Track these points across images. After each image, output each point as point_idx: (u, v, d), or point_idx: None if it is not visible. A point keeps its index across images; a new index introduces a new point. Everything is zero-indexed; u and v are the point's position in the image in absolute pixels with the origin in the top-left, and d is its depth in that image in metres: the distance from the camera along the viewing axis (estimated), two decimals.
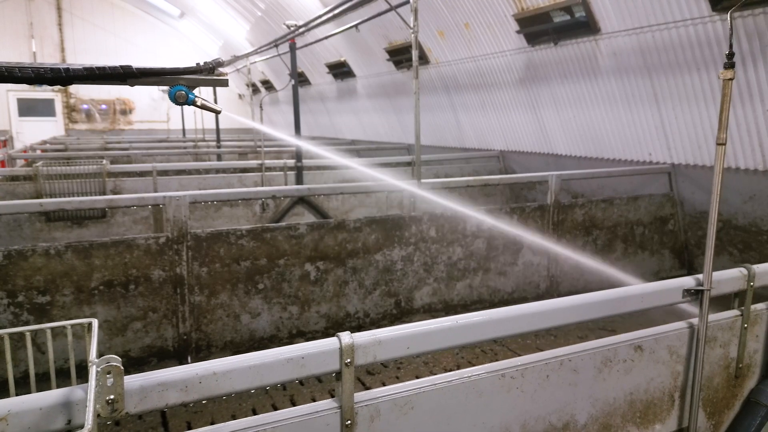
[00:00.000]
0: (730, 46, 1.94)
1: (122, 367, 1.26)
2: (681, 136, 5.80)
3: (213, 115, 13.49)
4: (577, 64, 6.57)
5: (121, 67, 1.37)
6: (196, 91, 1.50)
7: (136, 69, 1.33)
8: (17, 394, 2.11)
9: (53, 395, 1.25)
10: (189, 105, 1.37)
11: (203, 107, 1.43)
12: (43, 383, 2.12)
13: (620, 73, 6.11)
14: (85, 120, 21.54)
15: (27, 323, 3.84)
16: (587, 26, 6.10)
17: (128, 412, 1.29)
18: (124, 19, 21.53)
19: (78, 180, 6.80)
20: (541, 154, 7.91)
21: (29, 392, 1.59)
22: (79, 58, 20.48)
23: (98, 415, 1.24)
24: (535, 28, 6.76)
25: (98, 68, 1.41)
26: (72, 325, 1.72)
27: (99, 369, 1.23)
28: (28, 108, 20.38)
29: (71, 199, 4.79)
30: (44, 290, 3.85)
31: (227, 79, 1.44)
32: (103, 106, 21.71)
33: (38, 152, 10.97)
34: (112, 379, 1.25)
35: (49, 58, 20.26)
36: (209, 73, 1.40)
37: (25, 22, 20.08)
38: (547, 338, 4.51)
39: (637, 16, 5.57)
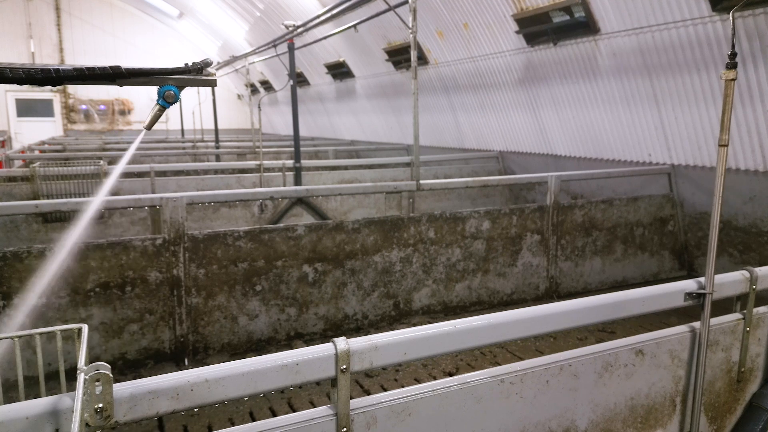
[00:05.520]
0: (732, 46, 1.91)
1: (111, 375, 1.23)
2: (681, 136, 5.78)
3: (212, 116, 13.48)
4: (577, 65, 6.55)
5: (110, 67, 1.35)
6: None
7: (125, 69, 1.32)
8: (10, 399, 2.08)
9: (40, 404, 1.22)
10: (167, 107, 1.36)
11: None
12: (38, 387, 2.09)
13: (620, 73, 6.09)
14: (83, 120, 21.50)
15: (22, 326, 3.81)
16: (587, 26, 6.07)
17: (118, 421, 1.26)
18: (123, 20, 21.50)
19: (75, 181, 6.76)
20: (540, 154, 7.88)
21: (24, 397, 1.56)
22: (78, 58, 20.45)
23: (87, 425, 1.21)
24: (535, 29, 6.73)
25: (88, 68, 1.39)
26: (62, 331, 1.69)
27: (87, 377, 1.20)
28: (26, 108, 20.33)
29: (67, 200, 4.76)
30: (40, 292, 3.81)
31: (215, 79, 1.42)
32: (102, 107, 21.67)
33: (36, 153, 10.94)
34: (100, 387, 1.22)
35: (47, 58, 20.23)
36: (198, 74, 1.38)
37: (24, 22, 20.04)
38: (547, 340, 4.48)
39: (636, 16, 5.55)
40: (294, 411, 3.28)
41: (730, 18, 1.94)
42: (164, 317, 4.18)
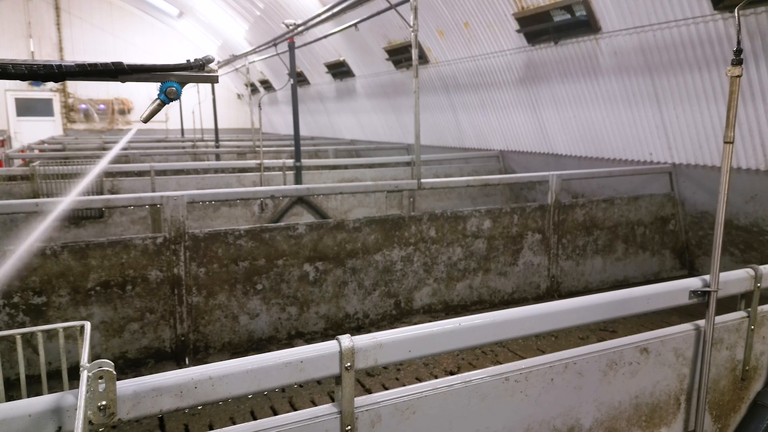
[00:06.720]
0: (738, 42, 1.90)
1: (114, 372, 1.21)
2: (682, 135, 5.77)
3: (212, 115, 13.47)
4: (578, 64, 6.53)
5: (113, 63, 1.34)
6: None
7: (127, 65, 1.31)
8: (11, 397, 2.07)
9: (43, 401, 1.21)
10: (168, 102, 1.34)
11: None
12: (40, 385, 2.08)
13: (621, 72, 6.07)
14: (83, 120, 21.48)
15: (23, 324, 3.80)
16: (588, 25, 6.06)
17: (121, 418, 1.24)
18: (123, 19, 21.48)
19: (75, 180, 6.75)
20: (541, 153, 7.87)
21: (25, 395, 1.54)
22: (78, 58, 20.41)
23: (90, 422, 1.20)
24: (536, 27, 6.72)
25: (90, 65, 1.39)
26: (64, 328, 1.68)
27: (90, 374, 1.19)
28: (26, 108, 20.30)
29: (67, 198, 4.74)
30: (40, 291, 3.80)
31: (217, 76, 1.42)
32: (102, 106, 21.65)
33: (36, 152, 10.92)
34: (104, 385, 1.21)
35: (47, 57, 20.19)
36: (199, 70, 1.37)
37: (23, 21, 20.02)
38: (548, 339, 4.48)
39: (638, 14, 5.54)
40: (295, 410, 3.27)
41: (736, 14, 1.93)
42: (165, 316, 4.17)
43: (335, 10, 7.02)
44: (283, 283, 4.47)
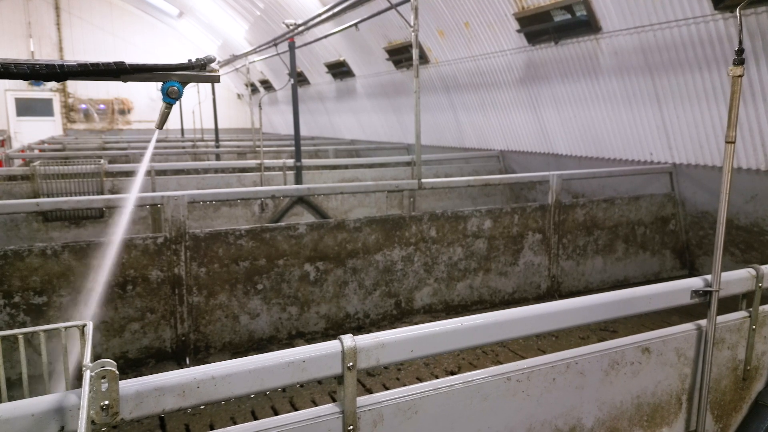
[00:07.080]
0: (740, 42, 1.90)
1: (117, 372, 1.21)
2: (682, 135, 5.77)
3: (212, 115, 13.47)
4: (578, 64, 6.54)
5: (115, 63, 1.34)
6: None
7: (129, 65, 1.31)
8: (12, 397, 2.07)
9: (46, 401, 1.21)
10: (173, 103, 1.34)
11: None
12: (41, 385, 2.08)
13: (621, 72, 6.08)
14: (83, 120, 21.48)
15: (23, 324, 3.80)
16: (588, 25, 6.06)
17: (123, 418, 1.24)
18: (123, 19, 21.48)
19: (75, 180, 6.75)
20: (541, 153, 7.87)
21: (23, 396, 1.54)
22: (78, 58, 20.40)
23: (92, 422, 1.20)
24: (536, 27, 6.72)
25: (92, 65, 1.39)
26: (66, 328, 1.68)
27: (93, 374, 1.19)
28: (26, 108, 20.31)
29: (68, 198, 4.75)
30: (41, 291, 3.80)
31: (219, 75, 1.42)
32: (102, 106, 21.65)
33: (36, 152, 10.92)
34: (106, 384, 1.21)
35: (47, 57, 20.18)
36: (201, 70, 1.37)
37: (23, 21, 20.02)
38: (549, 339, 4.48)
39: (638, 14, 5.54)
40: (296, 410, 3.27)
41: (737, 14, 1.92)
42: (165, 316, 4.17)
43: (335, 10, 7.02)
44: (283, 283, 4.47)
